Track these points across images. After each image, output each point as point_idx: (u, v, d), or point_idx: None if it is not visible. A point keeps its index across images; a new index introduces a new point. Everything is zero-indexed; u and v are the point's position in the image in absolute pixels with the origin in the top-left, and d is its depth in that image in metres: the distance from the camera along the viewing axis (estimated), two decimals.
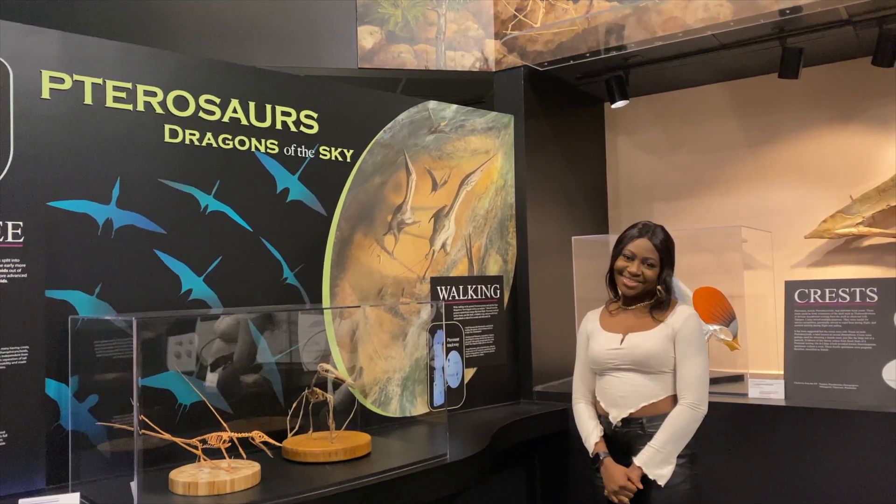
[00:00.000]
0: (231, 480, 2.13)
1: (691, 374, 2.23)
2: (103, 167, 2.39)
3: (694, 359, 2.25)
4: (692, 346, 2.26)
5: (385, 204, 3.18)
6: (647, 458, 2.19)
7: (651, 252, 2.35)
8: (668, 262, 2.38)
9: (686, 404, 2.22)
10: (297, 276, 2.87)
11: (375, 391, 3.10)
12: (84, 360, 2.28)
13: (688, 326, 2.28)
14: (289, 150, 2.86)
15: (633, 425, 2.28)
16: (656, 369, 2.27)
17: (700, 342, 2.29)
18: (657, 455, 2.19)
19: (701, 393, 2.24)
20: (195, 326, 2.59)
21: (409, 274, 3.25)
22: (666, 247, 2.38)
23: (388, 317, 3.17)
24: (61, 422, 2.25)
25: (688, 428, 2.21)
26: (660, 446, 2.19)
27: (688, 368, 2.23)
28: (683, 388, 2.23)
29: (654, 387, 2.28)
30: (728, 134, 4.16)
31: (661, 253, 2.35)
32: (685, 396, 2.22)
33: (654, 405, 2.27)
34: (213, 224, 2.64)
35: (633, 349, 2.30)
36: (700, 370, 2.25)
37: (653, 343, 2.28)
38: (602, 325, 2.44)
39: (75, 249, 2.31)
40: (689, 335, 2.27)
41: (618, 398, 2.32)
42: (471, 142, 3.52)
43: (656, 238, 2.37)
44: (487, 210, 3.59)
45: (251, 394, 2.69)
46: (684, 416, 2.20)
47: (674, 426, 2.19)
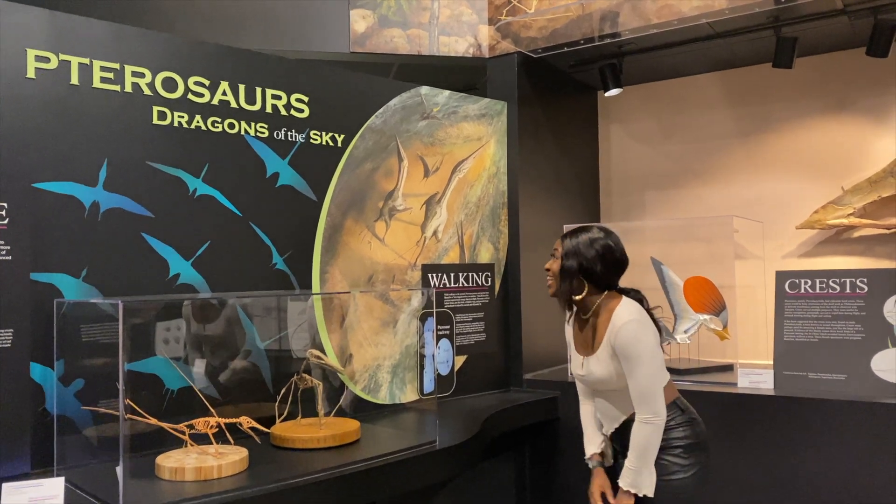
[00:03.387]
0: (218, 466, 2.11)
1: (637, 389, 2.14)
2: (90, 149, 2.36)
3: (636, 372, 2.13)
4: (631, 361, 2.13)
5: (376, 190, 3.16)
6: (623, 478, 2.18)
7: (559, 245, 2.30)
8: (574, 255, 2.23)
9: (641, 420, 2.14)
10: (287, 261, 2.85)
11: (365, 378, 3.08)
12: (70, 344, 2.25)
13: (622, 339, 2.14)
14: (279, 133, 2.83)
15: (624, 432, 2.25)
16: (618, 389, 2.22)
17: (638, 351, 2.13)
18: (631, 473, 2.15)
19: (651, 405, 2.13)
20: (183, 311, 2.57)
21: (400, 261, 3.23)
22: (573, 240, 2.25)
23: (378, 304, 3.15)
24: (46, 406, 2.22)
25: (650, 441, 2.14)
26: (632, 465, 2.16)
27: (633, 384, 2.14)
28: (635, 402, 2.16)
29: (624, 405, 2.23)
30: (720, 123, 4.15)
31: (566, 246, 2.26)
32: (638, 412, 2.15)
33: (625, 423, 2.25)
34: (201, 208, 2.61)
35: (589, 376, 2.27)
36: (645, 382, 2.13)
37: (601, 370, 2.22)
38: (574, 338, 2.39)
39: (61, 232, 2.28)
40: (626, 349, 2.14)
41: (603, 411, 2.34)
42: (463, 128, 3.50)
43: (570, 238, 2.28)
44: (479, 197, 3.57)
45: (239, 380, 2.67)
46: (642, 433, 2.14)
47: (636, 443, 2.15)
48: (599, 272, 2.23)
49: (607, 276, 2.25)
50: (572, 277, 2.24)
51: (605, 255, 2.24)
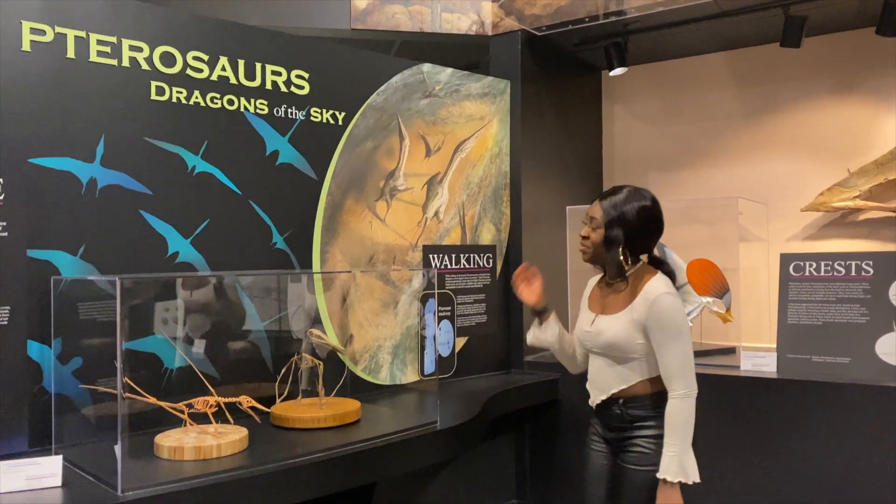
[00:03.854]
0: (218, 445, 2.09)
1: (675, 363, 2.00)
2: (87, 124, 2.32)
3: (673, 345, 2.00)
4: (668, 333, 2.00)
5: (377, 169, 3.12)
6: (667, 468, 1.98)
7: (596, 212, 2.11)
8: (619, 225, 2.07)
9: (678, 396, 2.01)
10: (287, 241, 2.82)
11: (366, 358, 3.06)
12: (68, 322, 2.23)
13: (659, 310, 2.01)
14: (279, 110, 2.79)
15: (612, 406, 2.13)
16: (624, 356, 2.09)
17: (676, 324, 2.01)
18: (676, 459, 1.98)
19: (687, 378, 2.02)
20: (182, 290, 2.54)
21: (401, 241, 3.20)
22: (617, 208, 2.07)
23: (379, 284, 3.13)
24: (44, 384, 2.20)
25: (688, 418, 2.01)
26: (675, 449, 1.98)
27: (670, 357, 2.01)
28: (670, 378, 2.01)
29: (625, 373, 2.10)
30: (726, 104, 4.10)
31: (609, 214, 2.08)
32: (674, 388, 2.01)
33: (624, 391, 2.10)
34: (200, 185, 2.57)
35: (598, 334, 2.13)
36: (683, 355, 2.02)
37: (616, 331, 2.08)
38: (589, 300, 2.27)
39: (58, 208, 2.25)
40: (662, 321, 2.00)
41: (594, 380, 2.20)
42: (466, 107, 3.45)
43: (608, 199, 2.11)
44: (482, 178, 3.53)
45: (239, 359, 2.65)
46: (681, 409, 2.00)
47: (675, 422, 2.00)
48: (643, 240, 2.11)
49: (649, 243, 2.13)
50: (619, 246, 2.08)
51: (650, 222, 2.10)
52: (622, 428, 2.14)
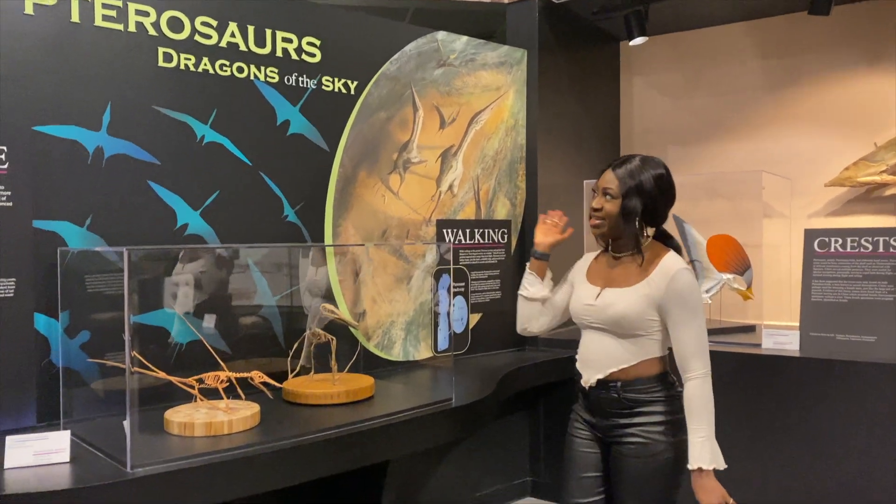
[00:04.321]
0: (229, 421, 2.04)
1: (694, 342, 1.89)
2: (93, 91, 2.24)
3: (692, 323, 1.89)
4: (687, 309, 1.89)
5: (390, 141, 3.04)
6: (699, 456, 1.84)
7: (611, 182, 1.98)
8: (637, 195, 1.95)
9: (698, 376, 1.88)
10: (299, 214, 2.75)
11: (378, 334, 3.00)
12: (75, 295, 2.18)
13: (680, 286, 1.89)
14: (289, 79, 2.70)
15: (608, 389, 1.98)
16: (630, 332, 1.95)
17: (695, 300, 1.91)
18: (708, 445, 1.85)
19: (705, 358, 1.90)
20: (192, 263, 2.48)
21: (415, 216, 3.13)
22: (634, 177, 1.95)
23: (392, 259, 3.06)
24: (52, 358, 2.16)
25: (710, 397, 1.89)
26: (703, 434, 1.86)
27: (688, 335, 1.89)
28: (687, 357, 1.89)
29: (627, 351, 1.96)
30: (749, 76, 3.98)
31: (625, 183, 1.95)
32: (693, 367, 1.88)
33: (624, 371, 1.96)
34: (209, 156, 2.50)
35: (605, 308, 1.98)
36: (701, 333, 1.91)
37: (627, 304, 1.94)
38: (587, 274, 2.12)
39: (64, 178, 2.18)
40: (683, 297, 1.89)
41: (589, 359, 2.04)
42: (481, 77, 3.35)
43: (622, 168, 1.98)
44: (497, 151, 3.44)
45: (250, 334, 2.60)
46: (702, 389, 1.87)
47: (700, 405, 1.87)
48: (660, 210, 1.99)
49: (664, 213, 2.02)
50: (635, 218, 1.95)
51: (666, 191, 1.99)
52: (618, 414, 1.98)
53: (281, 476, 1.97)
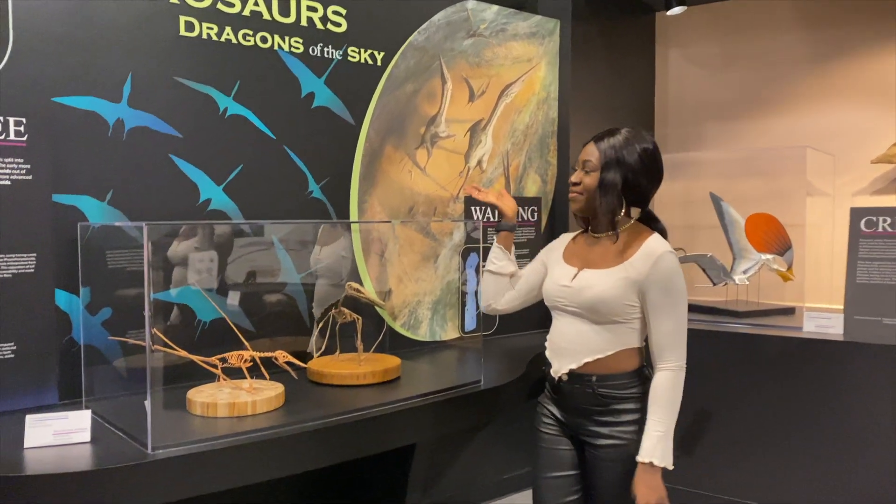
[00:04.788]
0: (252, 402, 1.99)
1: (671, 331, 1.76)
2: (112, 61, 2.17)
3: (674, 310, 1.76)
4: (670, 296, 1.76)
5: (418, 114, 2.94)
6: (651, 450, 1.73)
7: (591, 154, 1.86)
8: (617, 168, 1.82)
9: (670, 369, 1.77)
10: (323, 189, 2.67)
11: (405, 314, 2.93)
12: (96, 271, 2.13)
13: (664, 269, 1.77)
14: (314, 49, 2.61)
15: (581, 382, 1.86)
16: (607, 318, 1.82)
17: (679, 287, 1.78)
18: (662, 441, 1.73)
19: (681, 350, 1.79)
20: (215, 239, 2.42)
21: (442, 192, 3.03)
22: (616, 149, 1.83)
23: (418, 237, 2.98)
24: (73, 335, 2.11)
25: (678, 393, 1.77)
26: (661, 429, 1.74)
27: (667, 324, 1.76)
28: (663, 347, 1.77)
29: (603, 339, 1.83)
30: (791, 48, 3.80)
31: (606, 155, 1.82)
32: (666, 359, 1.77)
33: (600, 361, 1.83)
34: (232, 129, 2.43)
35: (581, 290, 1.85)
36: (680, 323, 1.79)
37: (605, 287, 1.81)
38: (563, 254, 1.99)
39: (84, 151, 2.12)
40: (666, 282, 1.76)
41: (561, 347, 1.91)
42: (512, 48, 3.23)
43: (605, 140, 1.86)
44: (528, 125, 3.32)
45: (274, 312, 2.54)
46: (671, 383, 1.75)
47: (663, 399, 1.75)
48: (643, 187, 1.86)
49: (648, 190, 1.88)
50: (615, 192, 1.82)
51: (651, 165, 1.85)
52: (590, 411, 1.86)
53: (305, 459, 1.91)
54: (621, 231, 1.86)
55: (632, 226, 1.88)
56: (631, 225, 1.88)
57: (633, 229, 1.87)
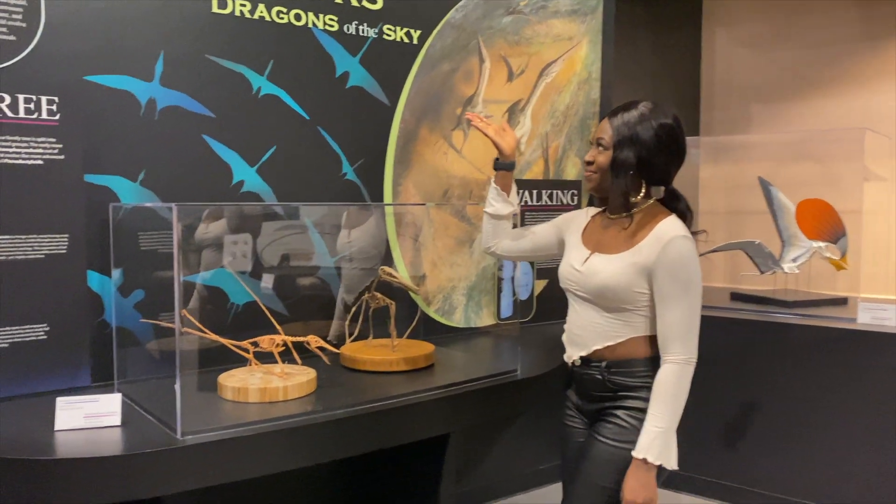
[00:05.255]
0: (284, 387, 1.94)
1: (678, 322, 1.63)
2: (144, 39, 2.13)
3: (681, 299, 1.63)
4: (677, 283, 1.63)
5: (454, 95, 2.86)
6: (649, 447, 1.61)
7: (604, 131, 1.73)
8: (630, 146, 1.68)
9: (676, 361, 1.63)
10: (357, 172, 2.61)
11: (439, 299, 2.87)
12: (128, 252, 2.10)
13: (673, 255, 1.63)
14: (349, 27, 2.55)
15: (591, 368, 1.76)
16: (616, 306, 1.71)
17: (688, 274, 1.64)
18: (661, 437, 1.61)
19: (690, 343, 1.65)
20: (248, 222, 2.38)
21: (479, 175, 2.95)
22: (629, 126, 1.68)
23: (454, 220, 2.90)
24: (105, 317, 2.09)
25: (683, 390, 1.64)
26: (661, 424, 1.61)
27: (674, 313, 1.63)
28: (668, 338, 1.64)
29: (613, 327, 1.72)
30: (845, 26, 3.62)
31: (619, 132, 1.69)
32: (672, 351, 1.63)
33: (611, 349, 1.72)
34: (266, 109, 2.38)
35: (589, 276, 1.74)
36: (689, 313, 1.65)
37: (612, 273, 1.69)
38: (583, 233, 1.86)
39: (116, 130, 2.09)
40: (674, 267, 1.63)
41: (573, 333, 1.82)
42: (553, 26, 3.12)
43: (619, 115, 1.72)
44: (568, 106, 3.22)
45: (307, 296, 2.49)
46: (676, 376, 1.62)
47: (666, 393, 1.62)
48: (659, 166, 1.70)
49: (667, 171, 1.72)
50: (627, 172, 1.69)
51: (668, 143, 1.69)
52: (602, 398, 1.75)
53: (338, 447, 1.87)
54: (636, 212, 1.73)
55: (649, 206, 1.74)
56: (648, 206, 1.74)
57: (650, 211, 1.73)
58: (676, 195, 1.76)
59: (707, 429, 3.07)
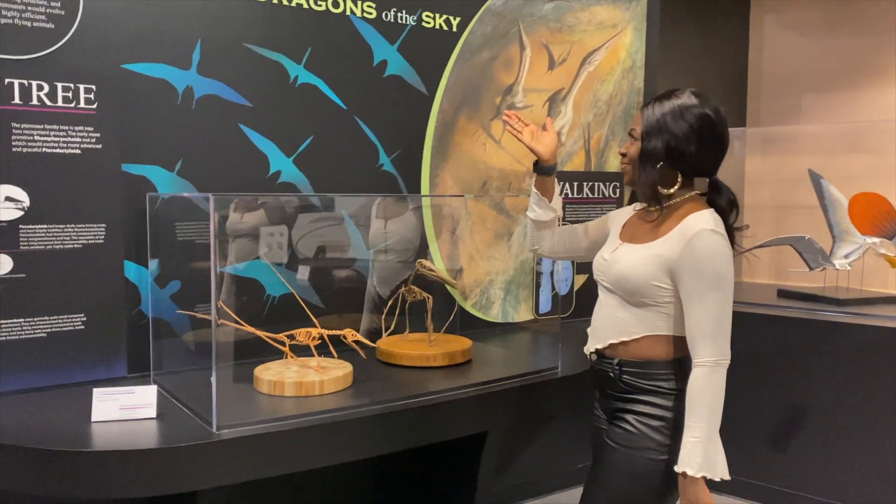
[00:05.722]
0: (320, 381, 1.91)
1: (705, 321, 1.53)
2: (181, 27, 2.11)
3: (708, 297, 1.52)
4: (703, 280, 1.53)
5: (494, 84, 2.79)
6: (689, 459, 1.50)
7: (637, 122, 1.66)
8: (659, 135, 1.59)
9: (705, 364, 1.52)
10: (394, 162, 2.56)
11: (476, 293, 2.81)
12: (164, 243, 2.09)
13: (695, 250, 1.53)
14: (387, 15, 2.49)
15: (605, 363, 1.68)
16: (635, 298, 1.62)
17: (716, 270, 1.53)
18: (700, 447, 1.50)
19: (720, 343, 1.54)
20: (285, 212, 2.35)
21: (518, 166, 2.88)
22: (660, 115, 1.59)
23: (492, 213, 2.84)
24: (142, 308, 2.08)
25: (717, 394, 1.52)
26: (699, 434, 1.50)
27: (700, 312, 1.53)
28: (696, 339, 1.54)
29: (630, 321, 1.63)
30: None
31: (648, 121, 1.61)
32: (700, 353, 1.53)
33: (625, 345, 1.64)
34: (303, 98, 2.34)
35: (612, 264, 1.67)
36: (718, 312, 1.53)
37: (632, 263, 1.62)
38: (622, 227, 1.78)
39: (153, 119, 2.07)
40: (699, 263, 1.53)
41: (595, 325, 1.74)
42: (596, 13, 3.03)
43: (653, 104, 1.63)
44: (611, 95, 3.12)
45: (343, 288, 2.46)
46: (706, 381, 1.52)
47: (699, 401, 1.52)
48: (693, 155, 1.59)
49: (703, 160, 1.62)
50: (655, 163, 1.61)
51: (702, 131, 1.59)
52: (615, 397, 1.68)
53: (375, 443, 1.83)
54: (671, 204, 1.64)
55: (686, 199, 1.64)
56: (686, 198, 1.64)
57: (685, 203, 1.64)
58: (719, 188, 1.65)
59: (751, 429, 2.97)
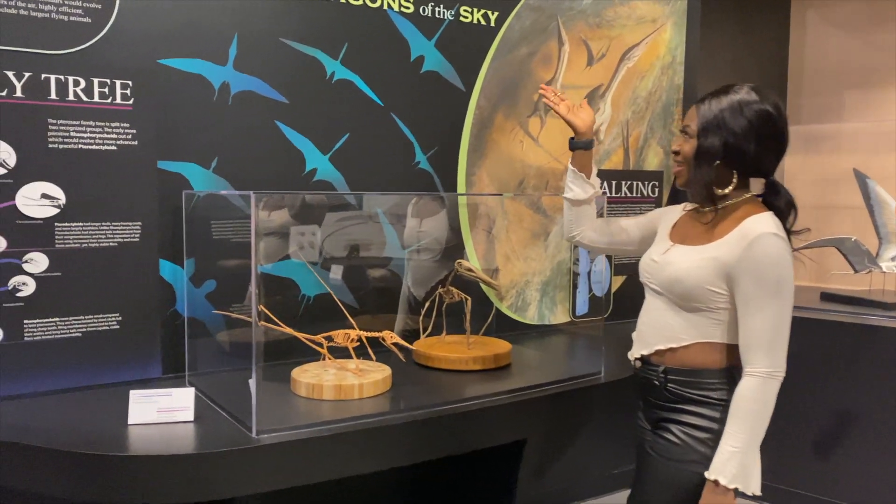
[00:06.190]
0: (359, 385, 1.86)
1: (763, 329, 1.45)
2: (218, 21, 2.07)
3: (767, 304, 1.44)
4: (764, 286, 1.45)
5: (531, 80, 2.72)
6: (723, 467, 1.44)
7: (691, 118, 1.58)
8: (716, 133, 1.51)
9: (758, 374, 1.45)
10: (431, 160, 2.51)
11: (512, 295, 2.75)
12: (200, 241, 2.05)
13: (757, 254, 1.45)
14: (425, 9, 2.44)
15: (650, 371, 1.61)
16: (687, 303, 1.54)
17: (778, 276, 1.45)
18: (737, 458, 1.43)
19: (776, 355, 1.45)
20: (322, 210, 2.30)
21: (555, 164, 2.81)
22: (717, 111, 1.52)
23: (528, 212, 2.77)
24: (177, 307, 2.04)
25: (765, 407, 1.45)
26: (737, 444, 1.44)
27: (758, 320, 1.45)
28: (750, 348, 1.46)
29: (681, 327, 1.55)
30: None
31: (705, 118, 1.53)
32: (753, 362, 1.45)
33: (673, 352, 1.56)
34: (339, 94, 2.29)
35: (664, 266, 1.59)
36: (776, 321, 1.45)
37: (687, 265, 1.53)
38: (672, 227, 1.70)
39: (189, 116, 2.04)
40: (761, 268, 1.45)
41: (641, 329, 1.67)
42: (636, 7, 2.95)
43: (709, 100, 1.56)
44: (650, 92, 3.04)
45: (379, 288, 2.41)
46: (756, 391, 1.44)
47: (745, 409, 1.45)
48: (752, 153, 1.51)
49: (761, 159, 1.54)
50: (712, 161, 1.52)
51: (762, 129, 1.51)
52: (660, 406, 1.60)
53: (413, 449, 1.77)
54: (727, 205, 1.56)
55: (742, 200, 1.56)
56: (742, 199, 1.56)
57: (742, 205, 1.56)
58: (776, 189, 1.57)
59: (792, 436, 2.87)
